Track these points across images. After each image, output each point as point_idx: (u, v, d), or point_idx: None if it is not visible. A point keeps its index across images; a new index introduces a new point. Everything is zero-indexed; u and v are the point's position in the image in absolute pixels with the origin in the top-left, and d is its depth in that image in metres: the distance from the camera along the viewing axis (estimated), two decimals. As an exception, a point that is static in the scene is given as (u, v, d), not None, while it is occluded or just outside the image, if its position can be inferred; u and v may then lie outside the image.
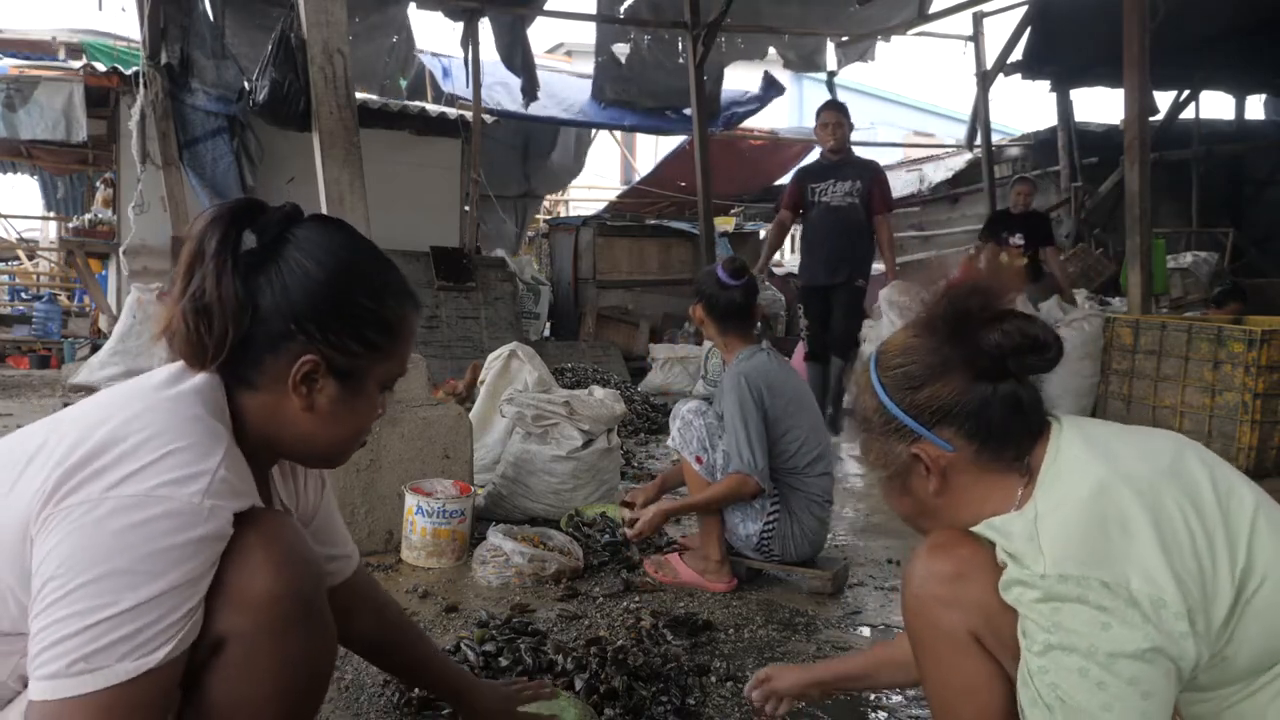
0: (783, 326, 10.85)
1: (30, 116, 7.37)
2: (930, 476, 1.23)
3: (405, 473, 3.08)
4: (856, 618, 2.64)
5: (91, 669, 0.96)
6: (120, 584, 0.97)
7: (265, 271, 1.15)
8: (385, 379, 1.24)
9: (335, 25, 3.30)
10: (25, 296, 12.89)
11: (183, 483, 1.02)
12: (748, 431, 2.70)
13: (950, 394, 1.20)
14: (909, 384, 1.23)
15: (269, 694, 1.11)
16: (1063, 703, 1.07)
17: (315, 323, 1.15)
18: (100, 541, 0.98)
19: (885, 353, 1.28)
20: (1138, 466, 1.14)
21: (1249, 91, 10.46)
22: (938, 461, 1.22)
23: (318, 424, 1.19)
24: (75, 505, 0.99)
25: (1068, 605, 1.07)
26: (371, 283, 1.20)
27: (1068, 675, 1.06)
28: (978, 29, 9.73)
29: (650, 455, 5.06)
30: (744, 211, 13.62)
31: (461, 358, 7.63)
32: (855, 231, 5.56)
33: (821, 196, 5.59)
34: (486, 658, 2.08)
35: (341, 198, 3.24)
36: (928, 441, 1.22)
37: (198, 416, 1.09)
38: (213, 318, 1.12)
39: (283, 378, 1.16)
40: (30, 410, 6.16)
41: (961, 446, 1.21)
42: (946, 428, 1.21)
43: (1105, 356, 5.57)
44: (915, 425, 1.22)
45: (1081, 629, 1.06)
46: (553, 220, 12.60)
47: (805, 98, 20.57)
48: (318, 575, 1.19)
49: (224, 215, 1.16)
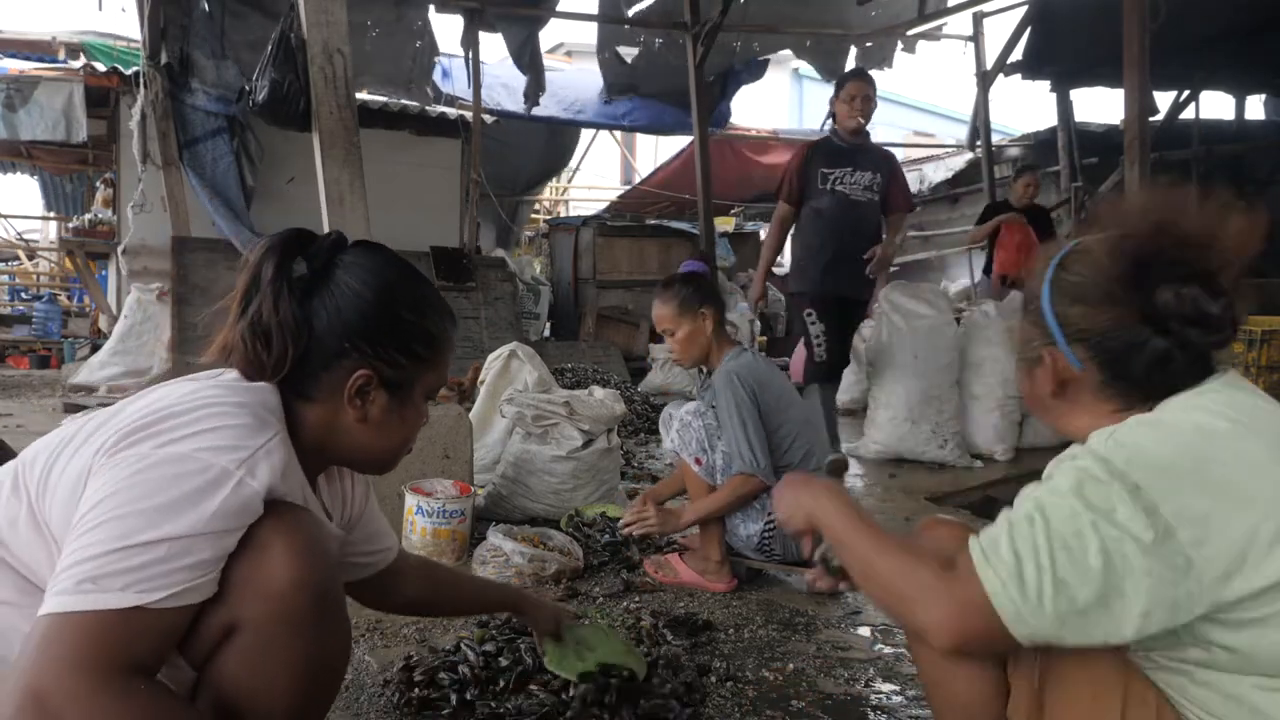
0: (783, 326, 10.85)
1: (30, 117, 7.38)
2: (1046, 380, 1.27)
3: (405, 473, 3.08)
4: (856, 618, 2.64)
5: (96, 590, 1.02)
6: (140, 521, 1.05)
7: (318, 295, 1.26)
8: (429, 388, 1.35)
9: (335, 25, 3.30)
10: (25, 296, 12.90)
11: (224, 451, 1.11)
12: (746, 430, 2.70)
13: (1101, 324, 1.21)
14: (1071, 295, 1.24)
15: (282, 682, 1.15)
16: (1044, 517, 1.09)
17: (366, 339, 1.26)
18: (136, 485, 1.07)
19: (1075, 253, 1.26)
20: (1258, 444, 1.10)
21: (1249, 91, 10.46)
22: (1061, 373, 1.25)
23: (371, 433, 1.30)
24: (127, 457, 1.09)
25: (1093, 481, 1.09)
26: (414, 299, 1.31)
27: (1059, 507, 1.09)
28: (978, 29, 9.72)
29: (650, 455, 5.06)
30: (744, 211, 13.62)
31: (462, 358, 7.59)
32: (874, 233, 4.70)
33: (837, 185, 4.57)
34: (486, 658, 2.08)
35: (341, 198, 3.23)
36: (1059, 351, 1.25)
37: (251, 405, 1.18)
38: (271, 338, 1.22)
39: (338, 391, 1.26)
40: (30, 410, 6.16)
41: (1090, 371, 1.23)
42: (1084, 349, 1.23)
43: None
44: (1057, 333, 1.24)
45: (1095, 498, 1.08)
46: (553, 220, 12.61)
47: (805, 98, 20.59)
48: (335, 570, 1.23)
49: (278, 245, 1.26)
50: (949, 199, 12.29)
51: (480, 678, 1.99)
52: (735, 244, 11.73)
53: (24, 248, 13.15)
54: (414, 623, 2.45)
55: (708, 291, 2.90)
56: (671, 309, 2.86)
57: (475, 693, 1.95)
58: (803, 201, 4.65)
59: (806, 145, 4.81)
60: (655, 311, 2.94)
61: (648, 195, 12.56)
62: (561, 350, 8.24)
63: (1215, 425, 1.11)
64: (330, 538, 1.29)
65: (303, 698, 1.18)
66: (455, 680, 1.97)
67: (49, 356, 9.25)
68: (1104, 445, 1.12)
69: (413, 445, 1.40)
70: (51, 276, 13.34)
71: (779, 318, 10.82)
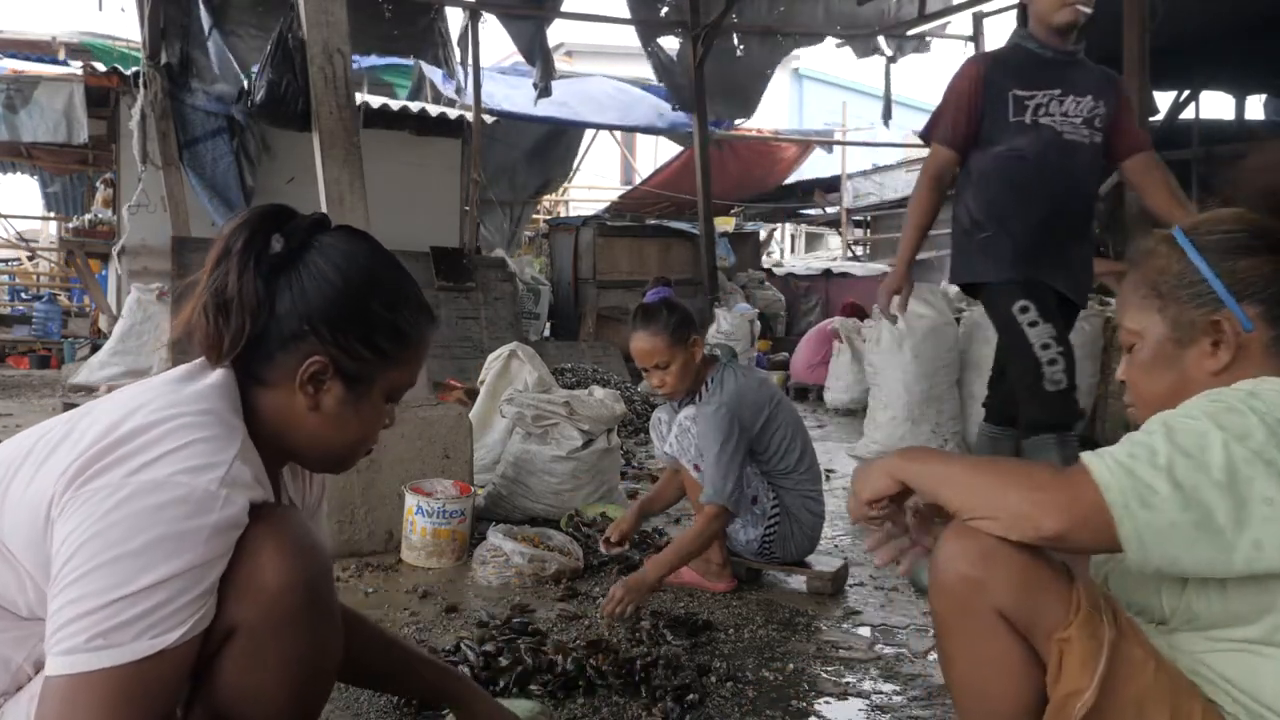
0: (783, 326, 10.85)
1: (31, 118, 7.39)
2: (1219, 351, 1.19)
3: (405, 473, 3.08)
4: (856, 618, 2.64)
5: (109, 645, 0.99)
6: (137, 564, 1.00)
7: (287, 273, 1.19)
8: (392, 389, 1.27)
9: (335, 25, 3.30)
10: (25, 296, 12.90)
11: (200, 471, 1.06)
12: (722, 462, 2.59)
13: (1273, 270, 1.17)
14: (1232, 250, 1.19)
15: (278, 683, 1.14)
16: (1168, 427, 1.07)
17: (327, 324, 1.18)
18: (118, 523, 1.01)
19: (1203, 221, 1.24)
20: None
21: (1249, 91, 10.45)
22: (1237, 335, 1.18)
23: (323, 426, 1.22)
24: (97, 489, 1.03)
25: (1229, 411, 1.07)
26: (387, 292, 1.23)
27: (1188, 423, 1.07)
28: (978, 29, 9.72)
29: (650, 455, 5.05)
30: (744, 211, 13.62)
31: (461, 358, 7.63)
32: (1094, 193, 3.10)
33: (1042, 116, 2.89)
34: (486, 658, 2.08)
35: (341, 198, 3.24)
36: (1231, 313, 1.18)
37: (215, 410, 1.13)
38: (231, 312, 1.16)
39: (293, 376, 1.19)
40: (30, 410, 6.16)
41: (1261, 329, 1.17)
42: (1253, 305, 1.17)
43: (1105, 356, 5.57)
44: (1225, 293, 1.18)
45: (1229, 422, 1.06)
46: (553, 220, 12.61)
47: (805, 99, 20.59)
48: (326, 567, 1.21)
49: (253, 218, 1.21)
50: (949, 199, 12.27)
51: (480, 678, 1.99)
52: (735, 244, 11.74)
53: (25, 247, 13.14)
54: (414, 623, 2.45)
55: (691, 316, 2.77)
56: (663, 341, 2.66)
57: (475, 693, 1.95)
58: (979, 143, 2.97)
59: (983, 59, 3.06)
60: (642, 345, 2.69)
61: (648, 196, 12.58)
62: (561, 350, 8.24)
63: None
64: (319, 533, 1.24)
65: (297, 699, 1.17)
66: (455, 680, 1.97)
67: (49, 356, 9.26)
68: (1241, 393, 1.09)
69: (371, 447, 1.32)
70: (51, 276, 13.34)
71: (779, 318, 10.82)
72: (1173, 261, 1.23)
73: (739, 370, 2.81)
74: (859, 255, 14.98)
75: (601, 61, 15.46)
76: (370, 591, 2.71)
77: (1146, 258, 1.27)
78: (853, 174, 14.62)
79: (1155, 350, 1.25)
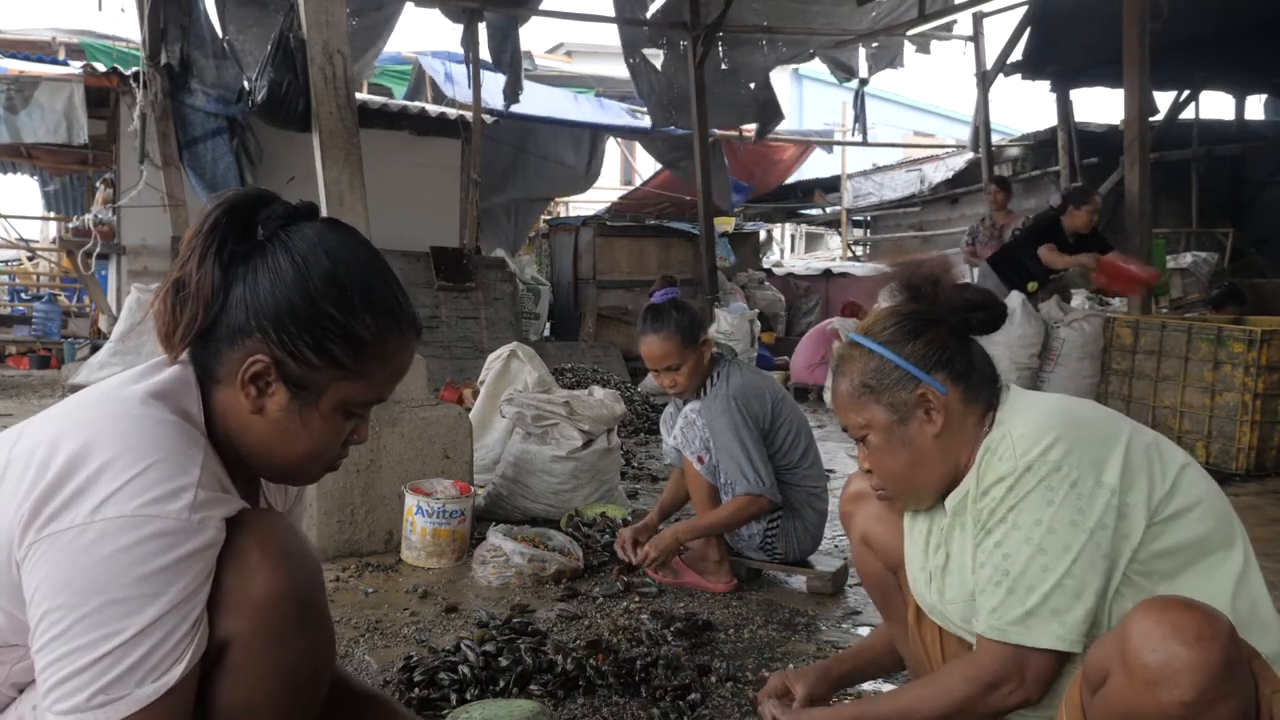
0: (784, 326, 10.85)
1: (31, 118, 7.38)
2: (933, 417, 1.41)
3: (405, 473, 3.08)
4: (856, 618, 2.64)
5: (113, 698, 0.96)
6: (121, 611, 0.96)
7: (247, 263, 1.10)
8: (348, 401, 1.15)
9: (335, 25, 3.30)
10: (25, 296, 12.90)
11: (165, 499, 0.99)
12: (748, 452, 2.66)
13: (940, 340, 1.43)
14: (904, 337, 1.43)
15: (272, 693, 1.11)
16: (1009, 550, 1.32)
17: (273, 322, 1.09)
18: (92, 569, 0.96)
19: (872, 324, 1.48)
20: (1084, 405, 1.42)
21: (1249, 91, 10.46)
22: (940, 399, 1.41)
23: (270, 434, 1.13)
24: (60, 533, 0.97)
25: (1025, 484, 1.31)
26: (346, 294, 1.11)
27: (1026, 523, 1.31)
28: (978, 29, 9.73)
29: (650, 455, 5.05)
30: (744, 212, 13.62)
31: (461, 358, 7.63)
32: None
33: None
34: (486, 658, 2.08)
35: (341, 198, 3.24)
36: (927, 384, 1.41)
37: (168, 422, 1.06)
38: (186, 300, 1.10)
39: (237, 373, 1.11)
40: (30, 410, 6.16)
41: (952, 388, 1.42)
42: (939, 370, 1.42)
43: (1105, 357, 5.57)
44: (916, 370, 1.41)
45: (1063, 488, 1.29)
46: (553, 220, 12.60)
47: (805, 99, 20.61)
48: (315, 571, 1.17)
49: (225, 202, 1.12)
50: (949, 199, 12.30)
51: (480, 678, 1.99)
52: (735, 244, 11.74)
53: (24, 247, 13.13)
54: (414, 623, 2.45)
55: (700, 317, 2.80)
56: (675, 344, 2.68)
57: (475, 693, 1.95)
58: None
59: None
60: (652, 348, 2.71)
61: (648, 196, 12.57)
62: (561, 350, 8.24)
63: (1057, 399, 1.43)
64: (301, 535, 1.18)
65: (294, 703, 1.15)
66: (455, 680, 1.98)
67: (49, 357, 9.26)
68: (1015, 454, 1.33)
69: (336, 462, 1.21)
70: (51, 276, 13.34)
71: (779, 318, 10.82)
72: (868, 361, 1.45)
73: (742, 367, 2.87)
74: (859, 255, 14.99)
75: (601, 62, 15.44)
76: (370, 591, 2.71)
77: (845, 364, 1.48)
78: (853, 174, 14.63)
79: (886, 433, 1.44)
